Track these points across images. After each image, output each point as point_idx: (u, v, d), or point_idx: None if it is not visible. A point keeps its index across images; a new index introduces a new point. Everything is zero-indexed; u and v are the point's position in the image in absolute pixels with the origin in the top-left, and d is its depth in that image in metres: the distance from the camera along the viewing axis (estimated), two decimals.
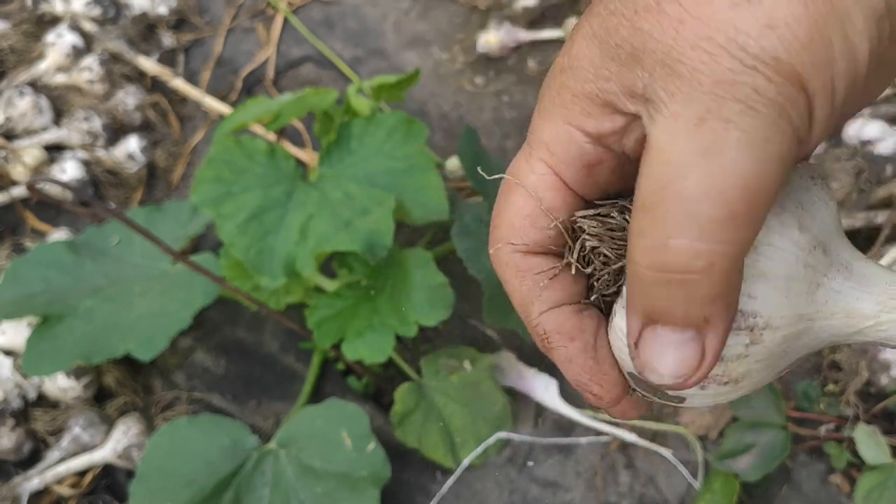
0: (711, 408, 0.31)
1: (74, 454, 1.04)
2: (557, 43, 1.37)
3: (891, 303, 0.29)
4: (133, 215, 1.11)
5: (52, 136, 1.26)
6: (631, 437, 1.03)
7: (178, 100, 1.36)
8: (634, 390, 0.32)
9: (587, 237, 0.30)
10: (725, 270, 0.25)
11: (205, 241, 1.21)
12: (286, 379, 1.10)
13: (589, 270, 0.31)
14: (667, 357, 0.27)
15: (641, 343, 0.27)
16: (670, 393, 0.30)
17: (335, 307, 0.97)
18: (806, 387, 1.02)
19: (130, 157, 1.26)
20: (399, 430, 1.00)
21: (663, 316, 0.26)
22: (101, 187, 1.26)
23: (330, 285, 1.03)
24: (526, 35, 1.36)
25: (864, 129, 1.11)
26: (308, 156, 1.26)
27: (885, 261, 0.99)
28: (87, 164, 1.24)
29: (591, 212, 0.31)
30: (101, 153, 1.26)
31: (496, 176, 0.32)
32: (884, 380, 0.98)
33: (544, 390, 1.05)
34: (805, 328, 0.30)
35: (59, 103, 1.30)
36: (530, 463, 1.04)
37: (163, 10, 1.40)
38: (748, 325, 0.28)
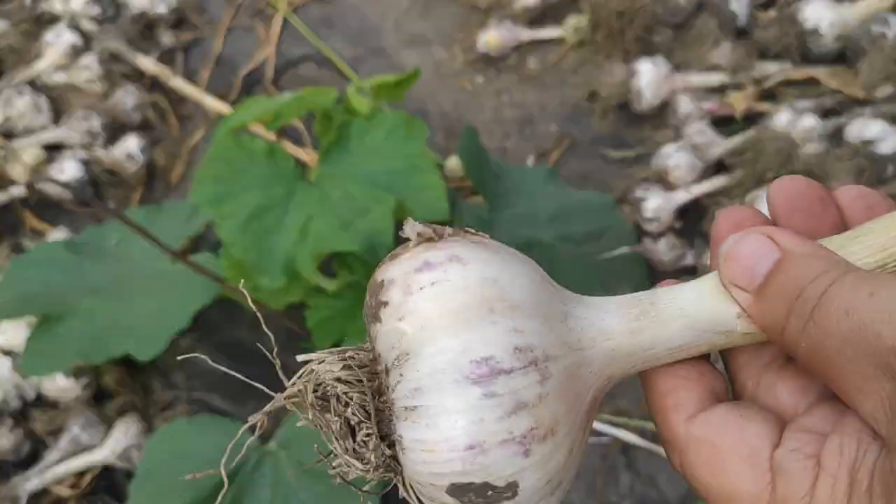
0: (550, 490, 0.30)
1: (73, 454, 1.03)
2: (557, 42, 1.36)
3: (632, 312, 0.31)
4: (132, 215, 1.11)
5: (51, 135, 1.25)
6: (632, 438, 1.03)
7: (177, 99, 1.36)
8: None
9: None
10: None
11: (204, 241, 1.20)
12: (287, 379, 1.10)
13: None
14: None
15: None
16: (500, 485, 0.29)
17: (335, 307, 0.97)
18: None
19: (129, 156, 1.26)
20: None
21: None
22: (100, 187, 1.25)
23: (330, 285, 1.03)
24: (526, 34, 1.36)
25: (865, 128, 1.10)
26: (308, 155, 1.26)
27: None
28: (86, 163, 1.24)
29: None
30: (100, 152, 1.25)
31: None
32: None
33: None
34: (580, 359, 0.30)
35: (58, 102, 1.30)
36: None
37: (162, 8, 1.40)
38: (531, 360, 0.29)
